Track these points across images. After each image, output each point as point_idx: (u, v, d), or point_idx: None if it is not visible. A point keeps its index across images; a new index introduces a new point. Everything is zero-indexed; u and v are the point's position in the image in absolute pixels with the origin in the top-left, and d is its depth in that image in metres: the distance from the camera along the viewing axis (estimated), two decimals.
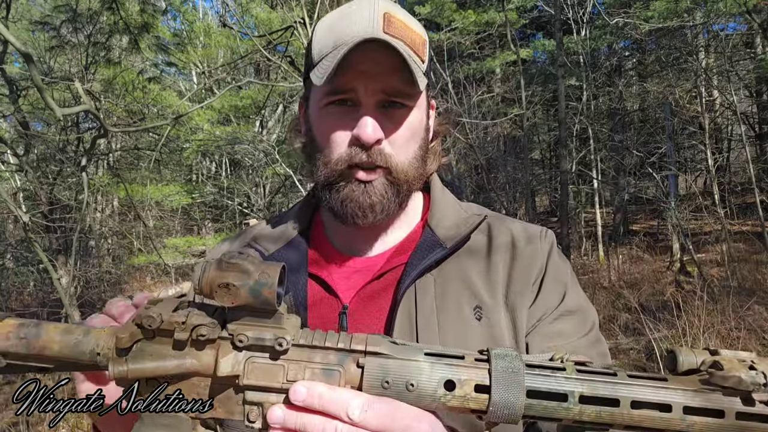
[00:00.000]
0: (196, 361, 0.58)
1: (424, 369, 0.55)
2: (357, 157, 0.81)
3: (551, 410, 0.54)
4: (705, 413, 0.54)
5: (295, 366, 0.57)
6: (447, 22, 12.68)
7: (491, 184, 11.72)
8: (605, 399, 0.54)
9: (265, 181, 11.16)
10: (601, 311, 7.46)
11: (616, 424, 0.54)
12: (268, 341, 0.56)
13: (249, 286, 0.54)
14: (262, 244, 0.93)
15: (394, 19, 0.80)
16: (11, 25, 7.01)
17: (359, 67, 0.79)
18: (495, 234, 0.89)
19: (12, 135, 9.18)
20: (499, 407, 0.54)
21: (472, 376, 0.55)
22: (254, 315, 0.57)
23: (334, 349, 0.57)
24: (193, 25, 12.13)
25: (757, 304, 5.86)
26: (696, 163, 14.04)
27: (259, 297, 0.55)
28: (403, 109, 0.83)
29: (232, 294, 0.55)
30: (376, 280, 0.86)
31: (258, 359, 0.57)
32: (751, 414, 0.54)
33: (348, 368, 0.56)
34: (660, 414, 0.54)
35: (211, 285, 0.55)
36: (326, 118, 0.84)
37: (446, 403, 0.55)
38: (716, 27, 10.30)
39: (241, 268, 0.55)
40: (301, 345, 0.57)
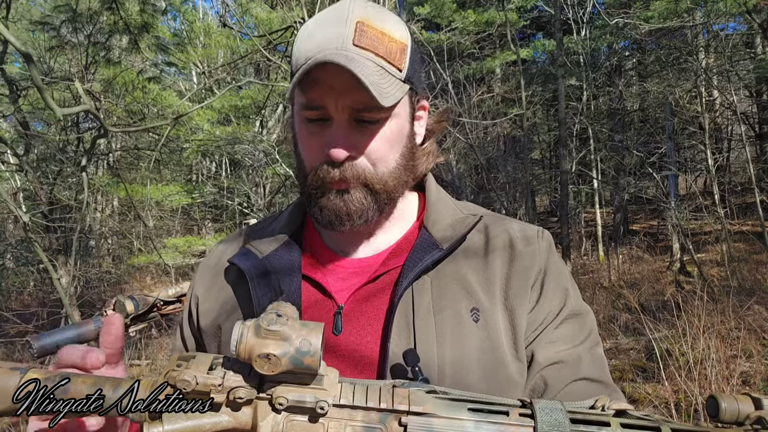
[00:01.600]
0: (232, 419, 0.56)
1: (469, 429, 0.54)
2: (329, 175, 0.81)
3: None
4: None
5: (336, 424, 0.55)
6: (447, 22, 12.68)
7: (491, 184, 11.73)
8: (646, 427, 0.53)
9: (265, 181, 11.17)
10: (601, 311, 7.46)
11: None
12: (308, 404, 0.55)
13: (290, 355, 0.53)
14: (256, 246, 0.92)
15: (367, 28, 0.79)
16: (11, 25, 7.01)
17: (328, 83, 0.78)
18: (492, 234, 0.89)
19: (12, 135, 9.18)
20: None
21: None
22: (296, 379, 0.56)
23: (376, 409, 0.56)
24: (193, 25, 12.13)
25: (757, 304, 5.86)
26: (696, 163, 14.04)
27: (300, 365, 0.53)
28: (375, 124, 0.82)
29: (272, 364, 0.53)
30: (372, 282, 0.85)
31: (298, 418, 0.56)
32: None
33: (390, 426, 0.55)
34: None
35: (250, 353, 0.53)
36: (304, 132, 0.84)
37: None
38: (716, 27, 10.31)
39: (281, 335, 0.53)
40: (343, 406, 0.56)
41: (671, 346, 4.75)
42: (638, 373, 5.24)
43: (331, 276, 0.88)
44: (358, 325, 0.83)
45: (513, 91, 13.91)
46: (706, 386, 4.00)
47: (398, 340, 0.78)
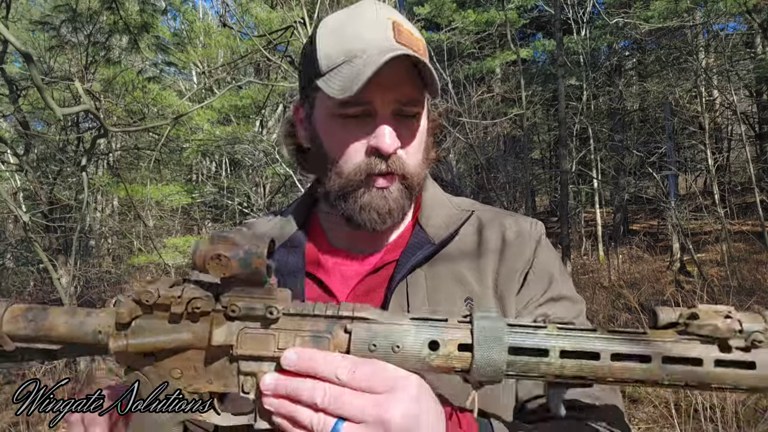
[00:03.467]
0: (191, 335, 0.60)
1: (410, 331, 0.58)
2: (377, 167, 0.82)
3: (533, 366, 0.56)
4: (683, 362, 0.55)
5: (286, 334, 0.59)
6: (447, 22, 12.67)
7: (491, 183, 11.72)
8: (586, 352, 0.55)
9: (265, 180, 11.17)
10: (601, 311, 7.46)
11: (598, 377, 0.55)
12: (259, 310, 0.59)
13: (239, 257, 0.57)
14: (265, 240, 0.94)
15: (401, 28, 0.82)
16: (11, 25, 7.01)
17: (376, 79, 0.78)
18: (485, 228, 0.91)
19: (12, 135, 9.18)
20: (482, 364, 0.55)
21: (455, 336, 0.57)
22: (246, 287, 0.59)
23: (323, 317, 0.60)
24: (193, 25, 12.12)
25: (757, 304, 5.86)
26: (696, 162, 14.04)
27: (249, 267, 0.57)
28: (416, 117, 0.85)
29: (223, 265, 0.57)
30: (369, 276, 0.88)
31: (251, 330, 0.59)
32: (729, 361, 0.55)
33: (336, 334, 0.59)
34: (640, 365, 0.55)
35: (204, 258, 0.58)
36: (339, 129, 0.84)
37: (431, 362, 0.57)
38: (716, 27, 10.30)
39: (232, 240, 0.58)
40: (291, 314, 0.60)
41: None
42: None
43: (335, 274, 0.90)
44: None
45: (513, 91, 13.90)
46: None
47: None
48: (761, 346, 0.55)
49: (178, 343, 0.60)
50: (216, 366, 0.61)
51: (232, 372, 0.61)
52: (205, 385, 0.62)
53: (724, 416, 3.75)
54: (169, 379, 0.62)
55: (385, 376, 0.56)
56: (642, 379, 0.56)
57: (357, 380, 0.56)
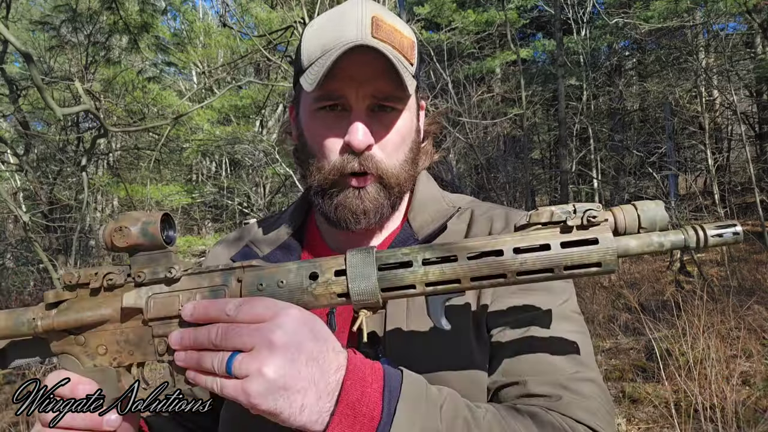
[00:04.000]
0: (110, 309, 0.66)
1: (292, 269, 0.64)
2: (349, 165, 0.82)
3: (402, 277, 0.61)
4: (533, 250, 0.60)
5: (188, 293, 0.65)
6: (447, 22, 12.67)
7: (491, 183, 11.72)
8: (444, 257, 0.61)
9: (265, 180, 11.16)
10: (601, 311, 7.46)
11: (460, 277, 0.60)
12: (161, 273, 0.65)
13: (138, 227, 0.65)
14: (257, 245, 0.94)
15: (382, 23, 0.81)
16: (11, 25, 7.01)
17: (349, 73, 0.79)
18: (475, 222, 0.91)
19: (12, 135, 9.17)
20: (357, 282, 0.61)
21: (331, 265, 0.63)
22: (151, 256, 0.66)
23: (218, 271, 0.66)
24: (193, 25, 12.12)
25: (757, 304, 5.85)
26: (696, 162, 14.03)
27: (147, 234, 0.65)
28: (393, 113, 0.84)
29: (125, 235, 0.65)
30: None
31: (158, 294, 0.66)
32: (573, 241, 0.60)
33: (231, 285, 0.65)
34: (495, 258, 0.60)
35: (110, 233, 0.66)
36: (317, 124, 0.84)
37: (313, 291, 0.62)
38: (716, 27, 10.29)
39: (132, 215, 0.66)
40: (191, 273, 0.66)
41: (671, 345, 4.74)
42: (638, 372, 5.23)
43: None
44: (349, 323, 0.83)
45: (513, 91, 13.90)
46: (706, 386, 3.99)
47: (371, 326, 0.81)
48: (599, 223, 0.60)
49: (98, 317, 0.66)
50: (134, 336, 0.66)
51: (149, 341, 0.66)
52: (128, 357, 0.67)
53: (724, 416, 3.75)
54: (97, 357, 0.67)
55: (268, 305, 0.60)
56: (500, 273, 0.60)
57: (243, 313, 0.60)
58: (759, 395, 4.31)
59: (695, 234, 0.60)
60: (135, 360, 0.67)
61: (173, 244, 0.68)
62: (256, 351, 0.58)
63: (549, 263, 0.59)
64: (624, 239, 0.60)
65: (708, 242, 0.60)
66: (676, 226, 0.62)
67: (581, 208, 0.60)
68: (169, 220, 0.68)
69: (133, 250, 0.66)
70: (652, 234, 0.60)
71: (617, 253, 0.59)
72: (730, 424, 3.70)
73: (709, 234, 0.60)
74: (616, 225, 0.61)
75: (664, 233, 0.60)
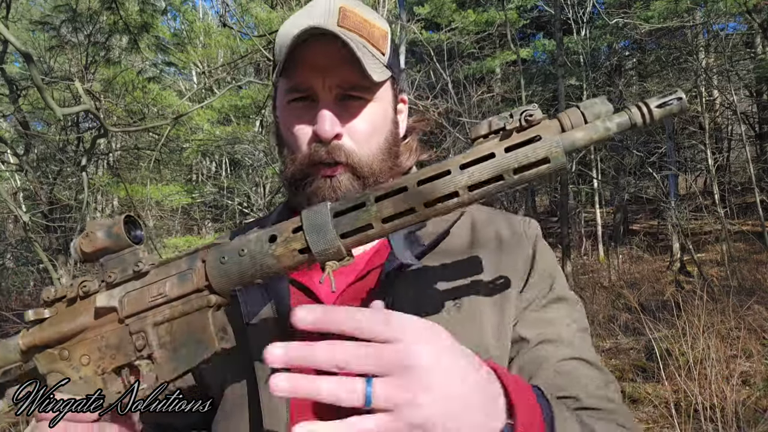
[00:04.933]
0: (88, 316, 0.67)
1: (251, 237, 0.63)
2: (317, 154, 0.81)
3: (357, 218, 0.60)
4: (480, 161, 0.59)
5: (158, 285, 0.65)
6: (447, 22, 12.67)
7: None
8: (394, 189, 0.60)
9: (265, 180, 11.16)
10: (601, 311, 7.46)
11: (414, 205, 0.60)
12: (130, 269, 0.66)
13: (103, 231, 0.66)
14: None
15: (349, 13, 0.81)
16: (11, 25, 7.01)
17: (314, 62, 0.79)
18: (479, 227, 0.90)
19: (12, 135, 9.18)
20: (314, 233, 0.60)
21: (288, 225, 0.62)
22: (121, 260, 0.67)
23: (183, 256, 0.66)
24: (193, 25, 12.12)
25: (757, 304, 5.85)
26: (696, 162, 14.04)
27: (112, 235, 0.66)
28: (361, 101, 0.83)
29: (91, 240, 0.66)
30: (359, 281, 0.85)
31: (131, 292, 0.66)
32: (516, 144, 0.59)
33: (196, 267, 0.64)
34: (443, 179, 0.59)
35: (80, 243, 0.67)
36: (289, 116, 0.85)
37: (274, 252, 0.61)
38: (716, 27, 10.30)
39: (96, 222, 0.67)
40: (158, 265, 0.67)
41: (671, 345, 4.74)
42: (638, 372, 5.24)
43: (318, 278, 0.87)
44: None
45: (513, 91, 13.91)
46: (706, 386, 4.00)
47: None
48: (538, 121, 0.59)
49: (77, 326, 0.67)
50: (114, 339, 0.66)
51: (128, 341, 0.66)
52: (111, 362, 0.66)
53: (724, 416, 3.75)
54: (81, 368, 0.67)
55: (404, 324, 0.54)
56: (452, 192, 0.59)
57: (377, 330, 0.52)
58: (759, 395, 4.31)
59: (638, 110, 0.59)
60: (118, 363, 0.66)
61: (142, 243, 0.69)
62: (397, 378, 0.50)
63: (496, 170, 0.58)
64: (569, 132, 0.59)
65: (653, 115, 0.58)
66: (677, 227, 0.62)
67: (518, 111, 0.60)
68: (132, 221, 0.69)
69: (102, 254, 0.67)
70: (596, 121, 0.59)
71: (562, 145, 0.58)
72: (730, 424, 3.70)
73: (653, 106, 0.59)
74: (563, 129, 0.60)
75: (607, 118, 0.59)
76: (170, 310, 0.64)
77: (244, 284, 0.63)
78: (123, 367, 0.67)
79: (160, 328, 0.65)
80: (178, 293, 0.64)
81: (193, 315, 0.64)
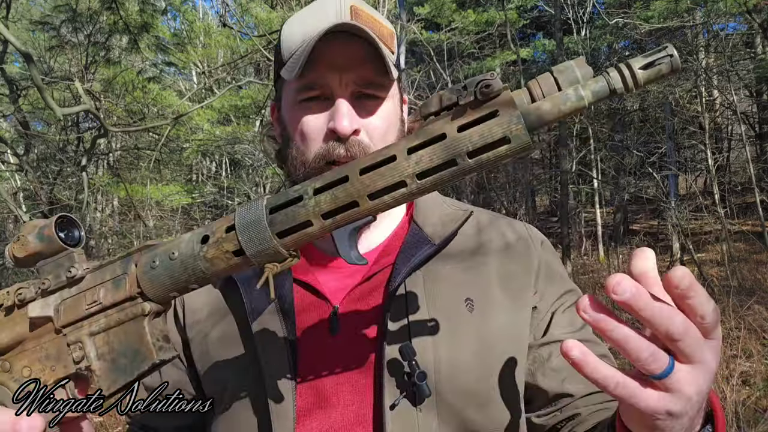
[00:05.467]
0: (25, 328, 0.63)
1: (185, 238, 0.59)
2: (335, 152, 0.79)
3: (294, 214, 0.54)
4: (429, 143, 0.51)
5: (92, 291, 0.61)
6: (447, 22, 12.67)
7: (491, 183, 11.72)
8: (334, 180, 0.53)
9: (265, 180, 11.17)
10: None
11: (356, 198, 0.52)
12: (63, 275, 0.62)
13: (34, 233, 0.63)
14: None
15: (361, 12, 0.80)
16: (11, 25, 7.01)
17: (330, 60, 0.78)
18: (484, 229, 0.90)
19: (12, 135, 9.18)
20: (247, 232, 0.54)
21: (222, 224, 0.57)
22: (57, 264, 0.63)
23: (117, 260, 0.62)
24: (193, 25, 12.13)
25: (757, 304, 5.85)
26: (696, 162, 14.03)
27: (43, 238, 0.62)
28: (377, 100, 0.82)
29: (22, 243, 0.63)
30: (366, 281, 0.84)
31: (67, 300, 0.62)
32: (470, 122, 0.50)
33: (130, 270, 0.60)
34: (388, 166, 0.52)
35: (12, 248, 0.64)
36: (300, 115, 0.82)
37: (206, 255, 0.56)
38: (716, 27, 10.30)
39: (29, 224, 0.64)
40: (93, 270, 0.63)
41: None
42: None
43: (323, 277, 0.87)
44: (354, 325, 0.82)
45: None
46: None
47: (394, 337, 0.77)
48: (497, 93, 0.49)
49: (15, 336, 0.64)
50: (52, 350, 0.63)
51: (67, 352, 0.62)
52: (51, 374, 0.63)
53: (724, 416, 3.75)
54: (22, 381, 0.63)
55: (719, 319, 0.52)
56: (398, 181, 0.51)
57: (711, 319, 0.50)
58: (759, 395, 4.31)
59: (619, 74, 0.49)
60: (58, 375, 0.62)
61: (81, 244, 0.65)
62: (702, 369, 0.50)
63: (448, 154, 0.50)
64: (533, 105, 0.49)
65: (638, 79, 0.49)
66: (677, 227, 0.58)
67: (473, 82, 0.50)
68: (68, 220, 0.65)
69: (36, 259, 0.64)
70: (567, 89, 0.49)
71: (524, 121, 0.48)
72: (730, 424, 3.70)
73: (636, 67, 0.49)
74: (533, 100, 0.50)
75: (581, 85, 0.49)
76: (105, 319, 0.60)
77: (179, 291, 0.59)
78: (65, 379, 0.63)
79: (97, 338, 0.60)
80: (111, 301, 0.60)
81: (128, 324, 0.59)
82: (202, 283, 0.58)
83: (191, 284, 0.58)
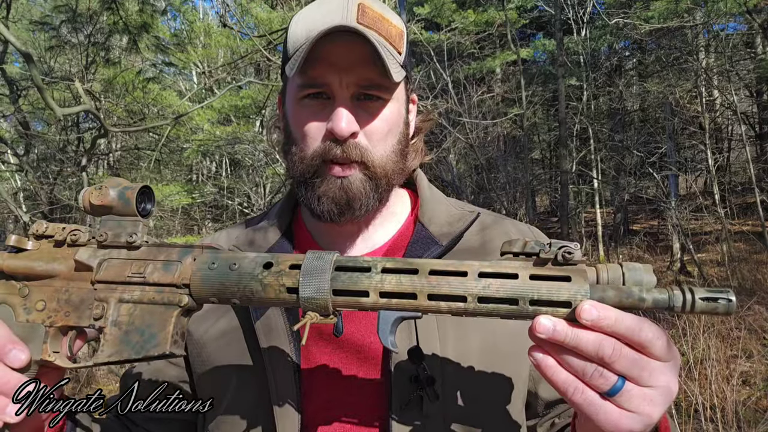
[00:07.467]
0: (63, 266, 0.65)
1: (250, 256, 0.61)
2: (331, 152, 0.79)
3: (356, 281, 0.57)
4: (498, 276, 0.56)
5: (141, 263, 0.63)
6: (447, 22, 12.66)
7: (491, 184, 11.71)
8: (405, 268, 0.57)
9: (265, 181, 11.16)
10: None
11: (417, 291, 0.56)
12: (123, 236, 0.64)
13: (117, 190, 0.65)
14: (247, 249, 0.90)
15: (368, 10, 0.79)
16: (11, 25, 7.00)
17: (332, 59, 0.77)
18: (488, 230, 0.90)
19: (12, 135, 9.17)
20: (309, 277, 0.57)
21: (289, 258, 0.60)
22: (120, 224, 0.65)
23: (179, 247, 0.64)
24: (193, 25, 12.12)
25: (757, 304, 5.85)
26: (696, 163, 14.02)
27: (123, 198, 0.65)
28: (379, 102, 0.81)
29: (102, 194, 0.65)
30: None
31: (113, 260, 0.64)
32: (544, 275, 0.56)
33: (186, 261, 0.62)
34: (457, 278, 0.56)
35: (89, 192, 0.66)
36: (301, 112, 0.82)
37: (263, 279, 0.59)
38: (716, 27, 10.29)
39: (115, 180, 0.66)
40: (151, 245, 0.65)
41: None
42: None
43: None
44: (359, 325, 0.82)
45: (513, 91, 13.90)
46: (706, 386, 3.99)
47: (401, 339, 0.77)
48: (575, 262, 0.56)
49: (48, 270, 0.65)
50: (76, 297, 0.64)
51: (89, 305, 0.63)
52: (62, 318, 0.64)
53: (724, 416, 3.75)
54: (33, 312, 0.64)
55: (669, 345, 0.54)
56: (460, 295, 0.56)
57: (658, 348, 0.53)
58: (759, 395, 4.31)
59: (681, 295, 0.54)
60: (68, 322, 0.64)
61: (149, 217, 0.67)
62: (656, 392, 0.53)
63: (514, 293, 0.55)
64: (600, 286, 0.56)
65: (695, 306, 0.54)
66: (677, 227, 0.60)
67: (557, 244, 0.56)
68: (149, 193, 0.67)
69: (105, 210, 0.66)
70: (633, 287, 0.55)
71: (589, 297, 0.54)
72: (730, 424, 3.70)
73: (698, 297, 0.54)
74: (598, 280, 0.57)
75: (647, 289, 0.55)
76: (141, 293, 0.62)
77: (220, 299, 0.61)
78: (71, 329, 0.65)
79: (123, 306, 0.62)
80: (155, 279, 0.62)
81: (159, 307, 0.61)
82: (244, 302, 0.60)
83: (234, 298, 0.60)
